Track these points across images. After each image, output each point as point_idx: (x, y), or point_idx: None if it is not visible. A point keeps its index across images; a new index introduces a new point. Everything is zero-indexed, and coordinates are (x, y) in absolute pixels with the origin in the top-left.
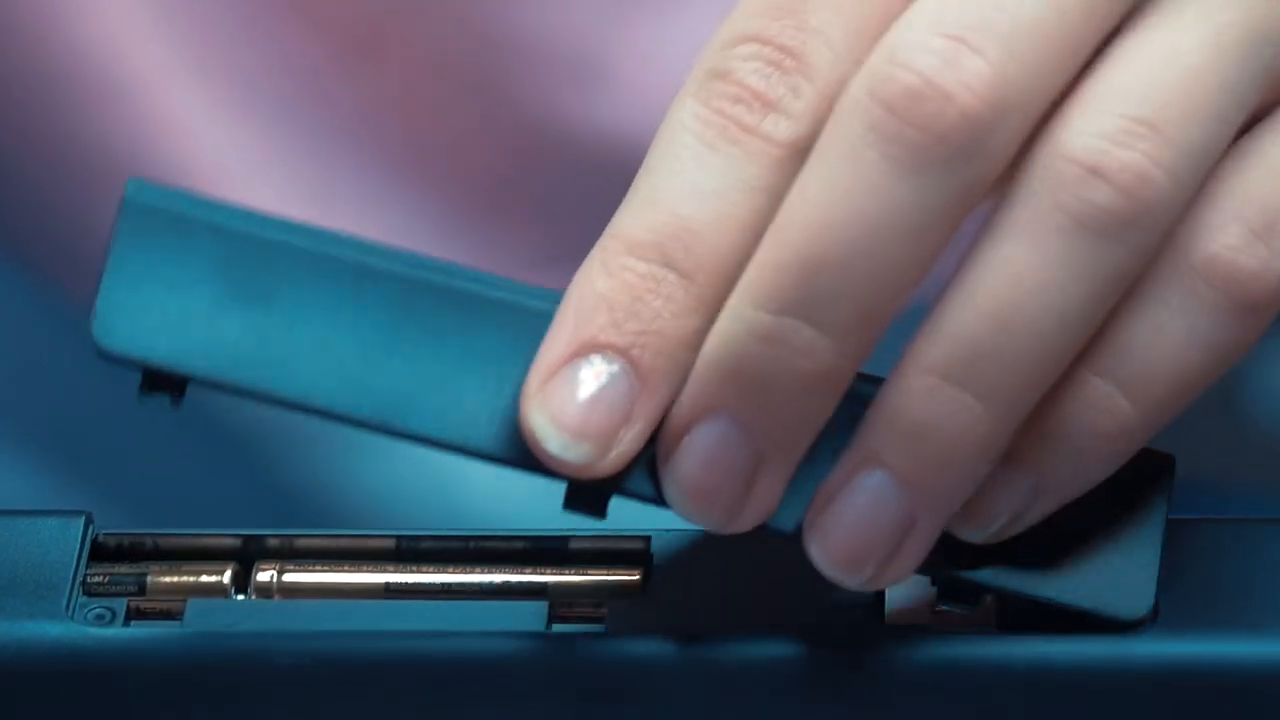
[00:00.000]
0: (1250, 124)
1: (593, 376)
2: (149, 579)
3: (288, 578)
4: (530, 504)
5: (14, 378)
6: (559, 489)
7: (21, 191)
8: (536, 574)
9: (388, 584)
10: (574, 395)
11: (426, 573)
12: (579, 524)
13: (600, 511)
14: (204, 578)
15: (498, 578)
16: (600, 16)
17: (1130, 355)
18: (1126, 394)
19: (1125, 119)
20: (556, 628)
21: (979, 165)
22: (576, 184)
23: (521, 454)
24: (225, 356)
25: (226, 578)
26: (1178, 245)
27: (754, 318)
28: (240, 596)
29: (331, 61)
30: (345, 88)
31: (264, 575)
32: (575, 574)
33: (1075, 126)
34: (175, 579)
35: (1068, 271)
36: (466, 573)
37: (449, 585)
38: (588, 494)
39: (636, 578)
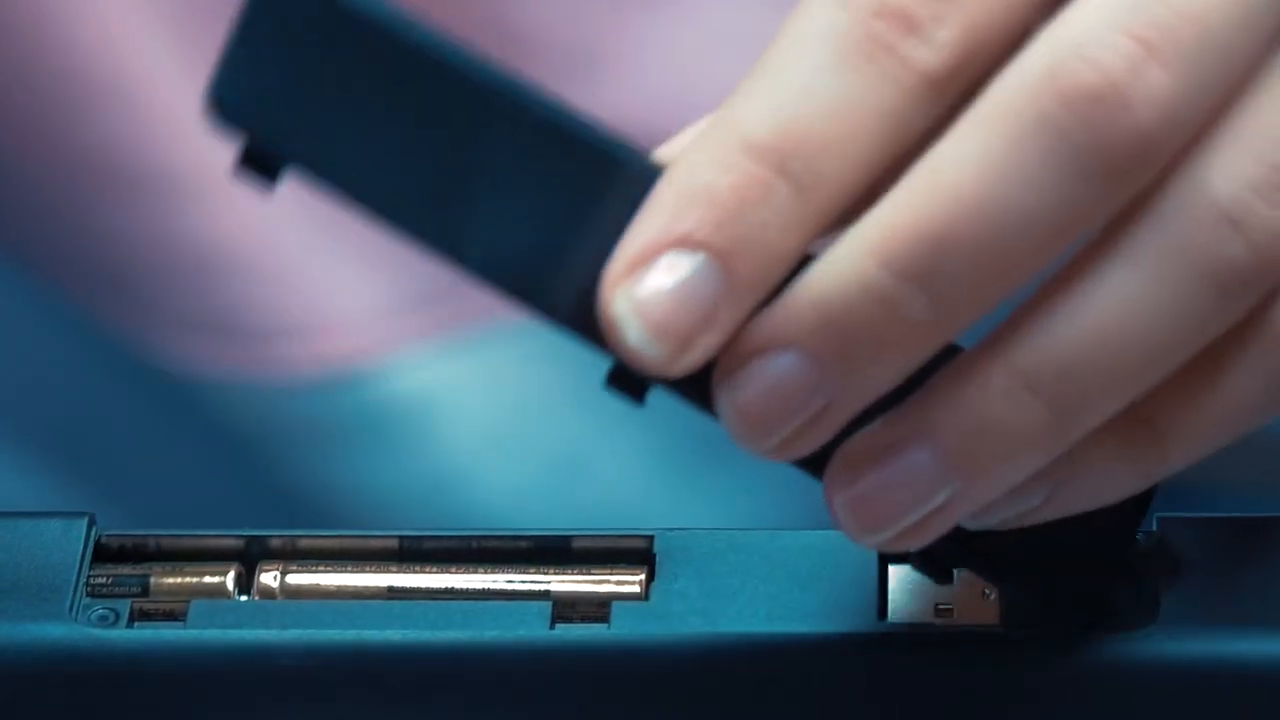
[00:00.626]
0: None
1: (684, 273)
2: (152, 580)
3: (291, 579)
4: (533, 502)
5: (14, 378)
6: (560, 487)
7: (21, 191)
8: (540, 574)
9: (391, 586)
10: (662, 290)
11: (429, 574)
12: (582, 523)
13: (640, 398)
14: (207, 579)
15: (501, 578)
16: (599, 10)
17: (1189, 407)
18: (1173, 442)
19: (1272, 169)
20: (560, 628)
21: (1134, 181)
22: None
23: (587, 326)
24: (330, 150)
25: (230, 579)
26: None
27: (873, 274)
28: (244, 597)
29: None
30: None
31: (267, 577)
32: (579, 574)
33: (1220, 167)
34: (178, 580)
35: (1179, 314)
36: (469, 573)
37: (452, 587)
38: (632, 379)
39: (640, 577)
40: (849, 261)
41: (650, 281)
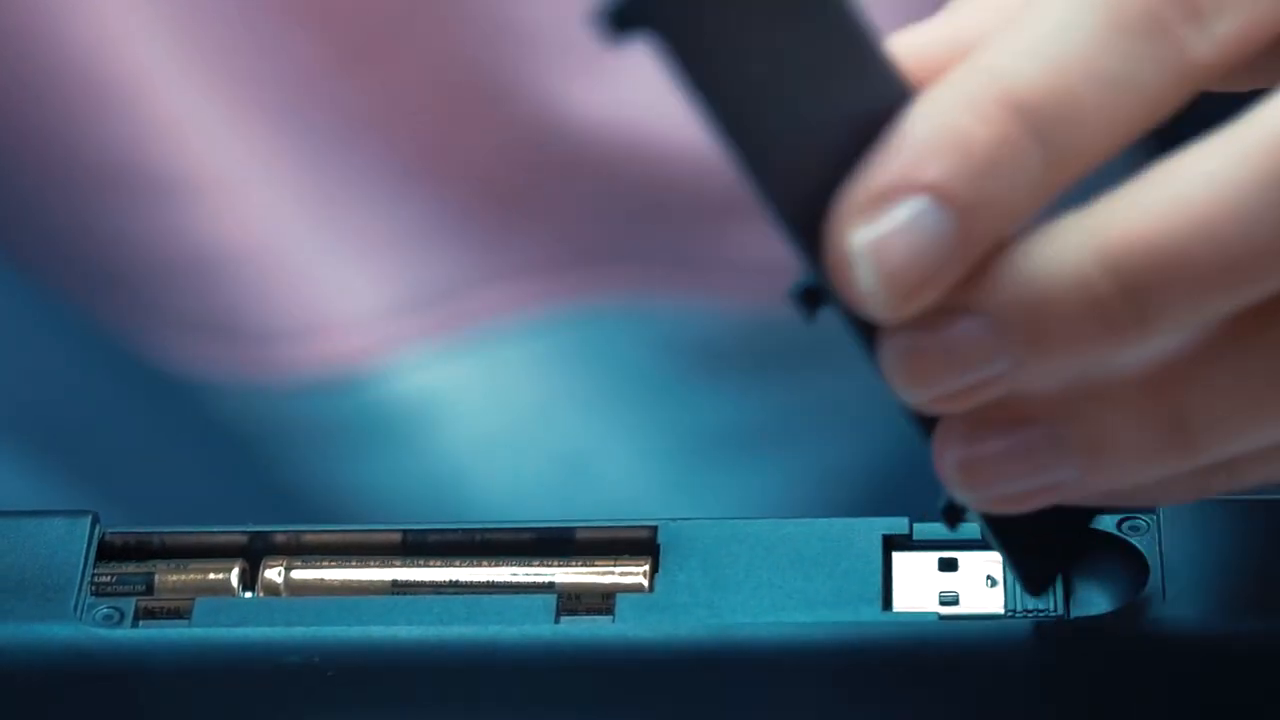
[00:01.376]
0: None
1: (924, 222)
2: (156, 578)
3: (295, 575)
4: (535, 503)
5: (14, 378)
6: (562, 488)
7: (21, 192)
8: (544, 566)
9: (395, 580)
10: (903, 237)
11: (433, 568)
12: (585, 514)
13: (813, 315)
14: (211, 576)
15: (505, 571)
16: None
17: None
18: (1248, 477)
19: None
20: (565, 621)
21: None
22: (588, 183)
23: (808, 236)
24: (689, 30)
25: (234, 576)
26: None
27: (1091, 273)
28: (248, 594)
29: (335, 61)
30: (349, 87)
31: (271, 573)
32: (583, 565)
33: None
34: (183, 577)
35: None
36: (473, 567)
37: (456, 581)
38: (817, 299)
39: (644, 569)
40: (1069, 252)
41: (889, 224)
